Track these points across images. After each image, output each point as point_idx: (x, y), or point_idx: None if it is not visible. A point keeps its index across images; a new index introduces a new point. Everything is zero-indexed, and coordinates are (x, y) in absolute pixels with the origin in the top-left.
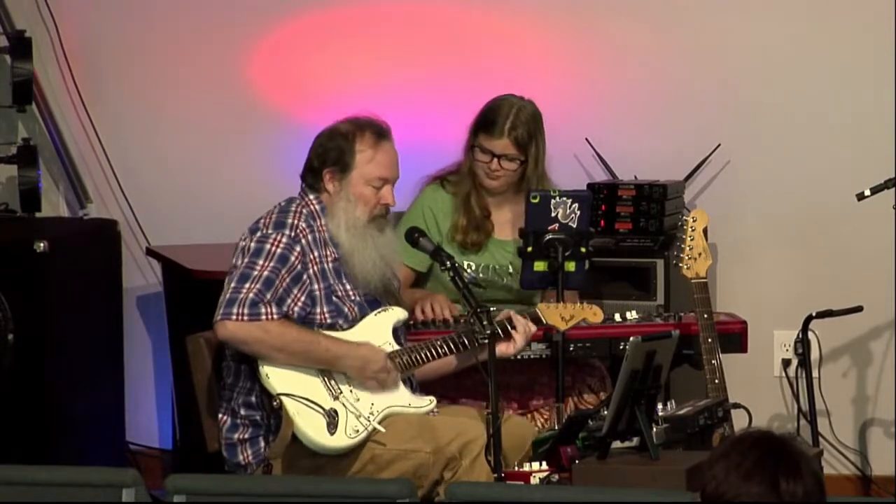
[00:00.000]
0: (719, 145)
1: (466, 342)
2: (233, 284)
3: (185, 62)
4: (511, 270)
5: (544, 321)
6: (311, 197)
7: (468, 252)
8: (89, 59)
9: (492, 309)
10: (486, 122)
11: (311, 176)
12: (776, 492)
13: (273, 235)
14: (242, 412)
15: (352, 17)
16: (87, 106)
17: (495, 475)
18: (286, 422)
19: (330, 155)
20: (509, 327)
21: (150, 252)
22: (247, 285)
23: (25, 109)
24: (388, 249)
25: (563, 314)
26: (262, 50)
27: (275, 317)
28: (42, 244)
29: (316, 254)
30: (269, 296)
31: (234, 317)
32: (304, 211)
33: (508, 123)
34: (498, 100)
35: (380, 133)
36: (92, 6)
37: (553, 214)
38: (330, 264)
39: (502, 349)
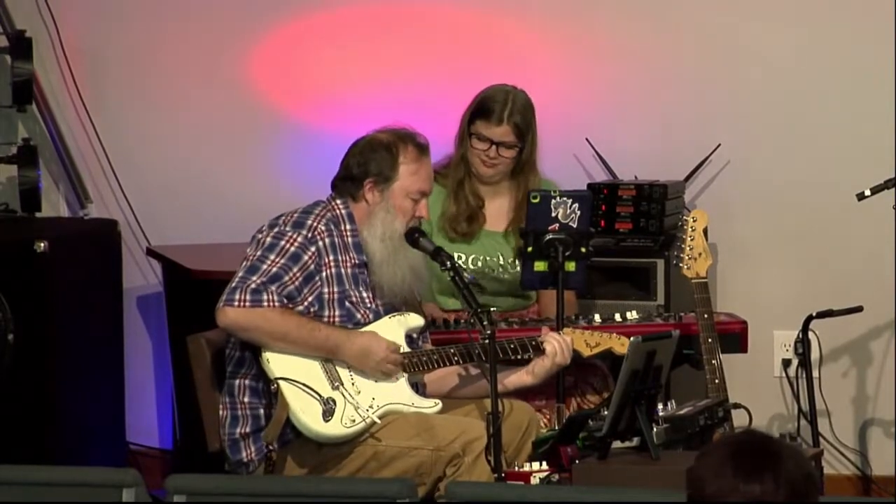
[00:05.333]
0: (719, 145)
1: (482, 354)
2: (240, 274)
3: (186, 62)
4: (502, 262)
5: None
6: (339, 202)
7: (458, 242)
8: (89, 59)
9: (492, 309)
10: (484, 109)
11: (351, 184)
12: (746, 490)
13: (290, 234)
14: (245, 399)
15: (353, 18)
16: (87, 106)
17: (495, 475)
18: (281, 404)
19: (372, 165)
20: (535, 346)
21: (151, 252)
22: (253, 277)
23: (25, 109)
24: (418, 262)
25: (589, 341)
26: (263, 50)
27: (276, 304)
28: (42, 244)
29: (332, 258)
30: (274, 287)
31: (236, 303)
32: (328, 215)
33: (507, 110)
34: (492, 88)
35: (421, 147)
36: (92, 6)
37: (553, 214)
38: (348, 270)
39: (540, 363)
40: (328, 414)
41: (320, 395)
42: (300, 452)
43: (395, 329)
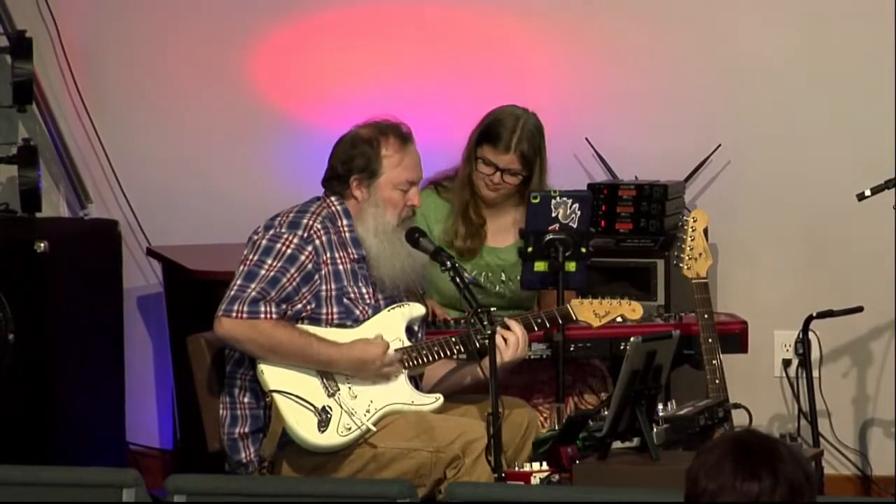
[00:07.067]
0: (719, 145)
1: (482, 341)
2: (238, 282)
3: (186, 62)
4: (504, 278)
5: (575, 318)
6: (334, 198)
7: (463, 259)
8: (89, 59)
9: (492, 308)
10: (491, 134)
11: (337, 183)
12: (743, 488)
13: (286, 235)
14: (245, 399)
15: (353, 18)
16: (87, 106)
17: (495, 475)
18: (276, 418)
19: (356, 162)
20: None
21: (151, 252)
22: (252, 284)
23: (26, 109)
24: (415, 250)
25: (598, 310)
26: (263, 50)
27: (273, 316)
28: (42, 244)
29: (329, 255)
30: (272, 294)
31: (234, 314)
32: (324, 212)
33: (515, 138)
34: (501, 112)
35: (403, 137)
36: (92, 6)
37: (553, 214)
38: (347, 266)
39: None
40: (323, 424)
41: (315, 406)
42: (298, 455)
43: (396, 321)
